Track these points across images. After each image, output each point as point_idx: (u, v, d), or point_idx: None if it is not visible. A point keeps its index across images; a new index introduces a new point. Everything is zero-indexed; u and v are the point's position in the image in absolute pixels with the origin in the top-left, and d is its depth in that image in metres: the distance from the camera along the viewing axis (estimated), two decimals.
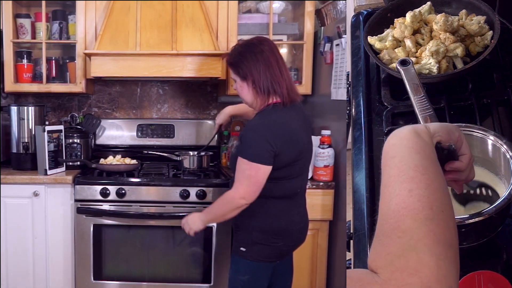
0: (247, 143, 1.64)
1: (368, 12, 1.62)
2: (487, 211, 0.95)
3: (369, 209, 1.20)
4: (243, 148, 1.65)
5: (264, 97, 1.68)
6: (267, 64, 1.66)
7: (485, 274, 0.98)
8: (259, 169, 1.61)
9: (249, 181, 1.63)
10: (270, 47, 1.71)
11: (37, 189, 2.29)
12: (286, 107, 1.69)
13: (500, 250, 1.05)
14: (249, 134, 1.65)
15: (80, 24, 2.51)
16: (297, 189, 1.75)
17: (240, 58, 1.69)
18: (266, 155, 1.61)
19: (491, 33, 1.33)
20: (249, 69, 1.67)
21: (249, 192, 1.64)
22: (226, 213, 1.70)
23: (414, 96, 1.16)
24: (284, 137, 1.64)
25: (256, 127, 1.65)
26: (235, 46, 1.78)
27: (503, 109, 1.27)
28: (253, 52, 1.68)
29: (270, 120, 1.64)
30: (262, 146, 1.60)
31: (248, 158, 1.61)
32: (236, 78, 1.72)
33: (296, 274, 2.15)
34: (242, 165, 1.63)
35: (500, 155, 1.04)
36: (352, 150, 1.36)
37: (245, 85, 1.70)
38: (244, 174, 1.63)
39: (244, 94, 1.73)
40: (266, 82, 1.66)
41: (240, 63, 1.69)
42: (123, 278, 2.31)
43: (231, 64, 1.73)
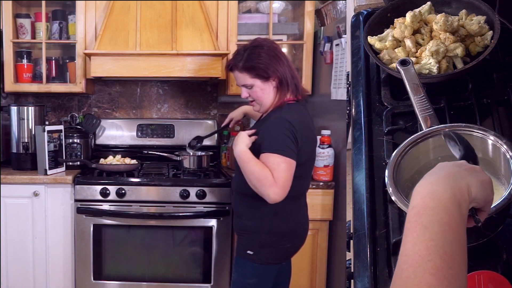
0: (274, 139, 1.60)
1: (368, 12, 1.61)
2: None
3: (369, 209, 1.20)
4: (270, 144, 1.60)
5: (284, 95, 1.67)
6: (283, 62, 1.67)
7: (485, 274, 0.98)
8: (292, 164, 1.59)
9: (286, 174, 1.57)
10: (275, 45, 1.72)
11: (37, 189, 2.29)
12: (299, 104, 1.71)
13: (500, 250, 1.05)
14: (275, 130, 1.61)
15: (80, 24, 2.51)
16: (305, 190, 1.76)
17: (258, 60, 1.64)
18: (293, 150, 1.60)
19: (491, 33, 1.33)
20: (272, 68, 1.64)
21: (284, 186, 1.57)
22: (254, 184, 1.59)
23: (414, 96, 1.16)
24: (303, 135, 1.64)
25: (282, 124, 1.62)
26: (240, 51, 1.71)
27: (503, 109, 1.26)
28: (269, 49, 1.66)
29: (293, 118, 1.63)
30: (288, 141, 1.59)
31: (279, 152, 1.58)
32: (255, 82, 1.66)
33: (296, 274, 2.15)
34: (274, 158, 1.57)
35: (500, 155, 1.04)
36: (352, 150, 1.36)
37: (267, 85, 1.66)
38: (280, 167, 1.56)
39: (266, 96, 1.68)
40: (290, 77, 1.66)
41: (259, 64, 1.64)
42: (123, 278, 2.31)
43: (249, 68, 1.65)
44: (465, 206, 0.72)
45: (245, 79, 1.67)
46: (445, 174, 0.75)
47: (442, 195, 0.70)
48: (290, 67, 1.69)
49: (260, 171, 1.57)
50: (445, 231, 0.66)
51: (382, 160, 1.26)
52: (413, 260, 0.64)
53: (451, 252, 0.65)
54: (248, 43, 1.73)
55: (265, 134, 1.63)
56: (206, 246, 2.28)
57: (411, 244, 0.66)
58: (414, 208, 0.70)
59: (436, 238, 0.65)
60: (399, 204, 1.01)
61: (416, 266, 0.64)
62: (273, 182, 1.55)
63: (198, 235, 2.29)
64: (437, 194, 0.70)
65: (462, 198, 0.71)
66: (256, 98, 1.70)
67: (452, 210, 0.69)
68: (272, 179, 1.55)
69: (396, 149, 1.11)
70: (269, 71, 1.64)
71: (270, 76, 1.65)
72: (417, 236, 0.66)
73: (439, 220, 0.67)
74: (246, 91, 1.70)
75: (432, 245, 0.65)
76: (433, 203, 0.69)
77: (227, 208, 2.24)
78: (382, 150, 1.28)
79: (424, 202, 0.70)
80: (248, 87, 1.69)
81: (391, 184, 1.04)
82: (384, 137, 1.30)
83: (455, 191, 0.71)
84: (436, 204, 0.69)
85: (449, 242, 0.66)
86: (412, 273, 0.63)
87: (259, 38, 1.78)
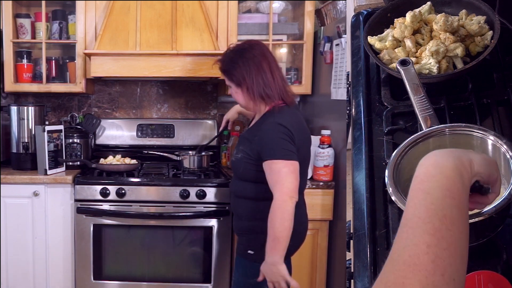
0: (273, 144, 1.63)
1: (368, 12, 1.61)
2: (487, 211, 0.95)
3: (369, 209, 1.20)
4: (270, 151, 1.63)
5: (257, 102, 1.71)
6: (259, 70, 1.69)
7: (485, 274, 0.98)
8: (294, 165, 1.62)
9: (290, 178, 1.61)
10: (262, 51, 1.72)
11: (37, 189, 2.29)
12: (290, 107, 1.73)
13: (500, 250, 1.05)
14: (271, 135, 1.64)
15: (80, 24, 2.51)
16: (303, 189, 1.77)
17: (232, 65, 1.71)
18: (294, 151, 1.63)
19: (491, 33, 1.33)
20: (242, 76, 1.69)
21: (294, 189, 1.61)
22: (290, 225, 1.60)
23: (414, 96, 1.16)
24: (299, 137, 1.66)
25: (277, 129, 1.64)
26: (227, 52, 1.78)
27: (503, 109, 1.26)
28: (245, 58, 1.69)
29: (286, 120, 1.66)
30: (286, 144, 1.62)
31: (280, 157, 1.61)
32: (230, 84, 1.75)
33: (296, 274, 2.15)
34: (275, 165, 1.61)
35: (500, 155, 1.04)
36: (352, 150, 1.36)
37: (240, 91, 1.72)
38: (282, 173, 1.60)
39: (240, 99, 1.76)
40: (258, 88, 1.69)
41: (233, 70, 1.70)
42: (123, 278, 2.31)
43: (224, 71, 1.75)
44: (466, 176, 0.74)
45: (225, 80, 1.77)
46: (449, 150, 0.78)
47: (444, 164, 0.72)
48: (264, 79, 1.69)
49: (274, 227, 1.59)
50: (446, 197, 0.68)
51: (382, 160, 1.26)
52: (413, 222, 0.66)
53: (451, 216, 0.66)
54: (238, 45, 1.79)
55: (263, 141, 1.66)
56: (206, 246, 2.28)
57: (412, 209, 0.68)
58: (417, 177, 0.73)
59: (437, 202, 0.67)
60: (399, 204, 1.01)
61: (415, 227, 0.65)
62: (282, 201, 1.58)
63: (198, 235, 2.29)
64: (440, 163, 0.73)
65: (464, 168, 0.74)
66: (233, 98, 1.79)
67: (453, 178, 0.71)
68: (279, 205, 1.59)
69: (396, 149, 1.11)
70: (237, 79, 1.70)
71: (239, 83, 1.71)
72: (418, 201, 0.69)
73: (440, 186, 0.69)
74: (229, 89, 1.80)
75: (432, 209, 0.67)
76: (435, 171, 0.72)
77: (227, 208, 2.24)
78: (382, 150, 1.28)
79: (427, 171, 0.72)
80: (229, 87, 1.78)
81: (391, 184, 1.04)
82: (384, 137, 1.30)
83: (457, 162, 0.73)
84: (438, 171, 0.71)
85: (449, 207, 0.67)
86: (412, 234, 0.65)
87: (250, 41, 1.81)
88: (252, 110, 1.79)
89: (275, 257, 1.59)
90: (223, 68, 1.75)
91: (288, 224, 1.60)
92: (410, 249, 0.63)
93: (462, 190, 0.71)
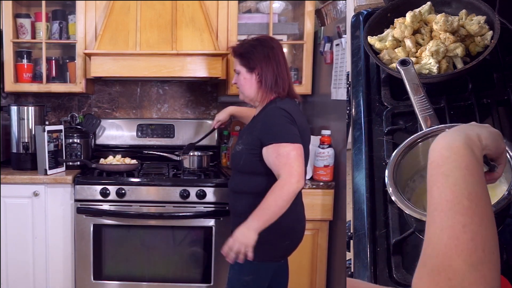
0: (278, 128, 1.63)
1: (368, 12, 1.62)
2: None
3: (369, 209, 1.20)
4: (275, 134, 1.62)
5: (266, 91, 1.72)
6: (276, 61, 1.72)
7: None
8: (301, 149, 1.62)
9: (299, 161, 1.59)
10: (280, 46, 1.77)
11: (37, 189, 2.29)
12: (292, 100, 1.75)
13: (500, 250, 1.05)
14: (275, 120, 1.64)
15: (80, 24, 2.51)
16: None
17: (251, 49, 1.73)
18: (298, 136, 1.63)
19: (491, 33, 1.33)
20: (259, 61, 1.71)
21: (301, 173, 1.59)
22: (283, 206, 1.58)
23: (414, 96, 1.17)
24: (301, 125, 1.67)
25: (279, 113, 1.65)
26: (245, 40, 1.82)
27: (503, 109, 1.26)
28: (265, 46, 1.73)
29: (288, 107, 1.67)
30: (292, 128, 1.63)
31: (288, 140, 1.60)
32: (241, 69, 1.75)
33: (296, 274, 2.15)
34: (283, 148, 1.59)
35: None
36: (352, 150, 1.36)
37: (251, 77, 1.73)
38: (291, 156, 1.58)
39: (247, 87, 1.75)
40: (272, 77, 1.71)
41: (251, 54, 1.72)
42: (123, 278, 2.31)
43: (241, 54, 1.75)
44: (478, 151, 0.76)
45: (236, 64, 1.78)
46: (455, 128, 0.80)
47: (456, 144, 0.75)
48: (279, 70, 1.72)
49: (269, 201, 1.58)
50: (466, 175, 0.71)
51: (382, 160, 1.26)
52: (442, 206, 0.69)
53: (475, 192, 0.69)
54: (257, 36, 1.83)
55: (266, 125, 1.66)
56: (206, 246, 2.28)
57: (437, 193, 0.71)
58: (433, 162, 0.76)
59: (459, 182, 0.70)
60: (399, 204, 1.01)
61: (446, 210, 0.68)
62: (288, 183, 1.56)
63: (198, 235, 2.29)
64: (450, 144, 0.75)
65: (473, 144, 0.76)
66: (239, 86, 1.79)
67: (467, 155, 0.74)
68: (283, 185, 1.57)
69: (396, 149, 1.11)
70: (254, 63, 1.72)
71: (254, 68, 1.72)
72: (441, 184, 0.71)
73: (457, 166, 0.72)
74: (235, 77, 1.80)
75: (457, 189, 0.69)
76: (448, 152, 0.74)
77: (227, 208, 2.23)
78: (382, 150, 1.28)
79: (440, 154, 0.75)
80: (237, 73, 1.78)
81: (391, 184, 1.04)
82: (384, 137, 1.30)
83: (466, 140, 0.76)
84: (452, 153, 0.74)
85: (471, 184, 0.70)
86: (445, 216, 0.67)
87: (267, 35, 1.90)
88: (254, 101, 1.78)
89: (254, 223, 1.58)
90: (239, 52, 1.75)
91: (282, 204, 1.57)
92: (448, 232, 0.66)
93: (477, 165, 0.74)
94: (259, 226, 1.57)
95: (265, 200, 1.58)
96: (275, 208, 1.57)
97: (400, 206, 1.01)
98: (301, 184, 1.59)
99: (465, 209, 0.67)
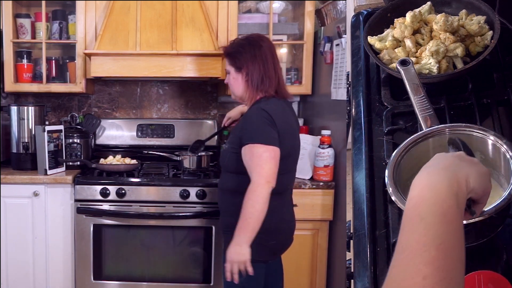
0: (255, 128, 1.63)
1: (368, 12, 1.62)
2: (487, 211, 0.95)
3: (369, 209, 1.20)
4: (251, 134, 1.63)
5: (253, 91, 1.72)
6: (262, 60, 1.72)
7: (485, 274, 0.98)
8: (276, 151, 1.61)
9: (270, 164, 1.60)
10: (269, 45, 1.77)
11: (37, 189, 2.29)
12: (279, 100, 1.74)
13: (500, 250, 1.05)
14: (254, 120, 1.65)
15: (80, 24, 2.51)
16: (287, 185, 1.75)
17: (239, 49, 1.74)
18: (276, 138, 1.62)
19: (491, 33, 1.33)
20: (245, 61, 1.72)
21: (272, 175, 1.60)
22: (262, 209, 1.59)
23: (414, 96, 1.16)
24: (283, 126, 1.66)
25: (259, 113, 1.65)
26: (236, 39, 1.83)
27: (503, 109, 1.26)
28: (253, 46, 1.73)
29: (270, 108, 1.66)
30: (270, 130, 1.62)
31: (262, 141, 1.60)
32: (230, 69, 1.76)
33: (296, 274, 2.15)
34: (256, 149, 1.60)
35: (500, 155, 1.04)
36: (352, 150, 1.36)
37: (239, 76, 1.74)
38: (262, 158, 1.59)
39: (236, 86, 1.76)
40: (258, 76, 1.71)
41: (237, 54, 1.73)
42: (123, 278, 2.31)
43: (229, 54, 1.76)
44: (462, 197, 0.72)
45: (226, 64, 1.79)
46: (443, 165, 0.75)
47: (439, 186, 0.70)
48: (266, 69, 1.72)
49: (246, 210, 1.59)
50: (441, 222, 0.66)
51: (382, 160, 1.26)
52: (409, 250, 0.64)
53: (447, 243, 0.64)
54: (248, 35, 1.84)
55: (244, 125, 1.67)
56: (206, 246, 2.28)
57: (408, 235, 0.66)
58: (412, 200, 0.70)
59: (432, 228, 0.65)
60: (399, 204, 1.01)
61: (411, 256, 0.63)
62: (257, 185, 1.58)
63: (198, 235, 2.29)
64: (434, 185, 0.70)
65: (459, 189, 0.71)
66: (229, 85, 1.80)
67: (448, 201, 0.69)
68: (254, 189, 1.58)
69: (396, 149, 1.11)
70: (240, 62, 1.73)
71: (241, 68, 1.73)
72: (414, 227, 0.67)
73: (435, 211, 0.67)
74: (227, 77, 1.81)
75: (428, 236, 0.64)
76: (429, 194, 0.69)
77: None
78: (382, 150, 1.28)
79: (421, 194, 0.70)
80: (227, 73, 1.80)
81: (391, 184, 1.04)
82: (384, 137, 1.30)
83: (452, 182, 0.71)
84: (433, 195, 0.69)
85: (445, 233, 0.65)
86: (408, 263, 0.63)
87: (258, 34, 1.85)
88: (245, 99, 1.79)
89: (242, 238, 1.59)
90: (228, 51, 1.77)
91: (260, 208, 1.58)
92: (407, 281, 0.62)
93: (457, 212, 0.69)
94: (248, 238, 1.59)
95: (243, 209, 1.60)
96: (254, 213, 1.59)
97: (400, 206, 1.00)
98: (271, 185, 1.60)
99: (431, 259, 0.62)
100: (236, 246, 1.60)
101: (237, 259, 1.59)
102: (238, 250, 1.59)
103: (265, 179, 1.59)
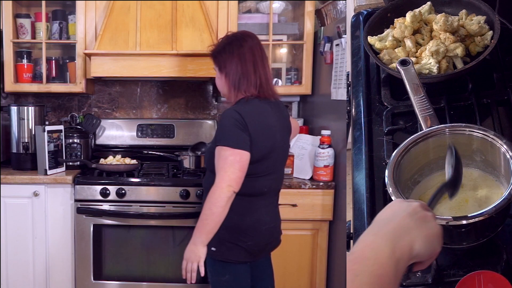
0: (225, 131, 1.62)
1: (368, 12, 1.62)
2: (487, 211, 0.95)
3: (369, 209, 1.20)
4: (221, 136, 1.62)
5: (234, 91, 1.71)
6: (241, 59, 1.69)
7: (485, 274, 0.98)
8: (242, 155, 1.59)
9: (233, 167, 1.58)
10: (252, 43, 1.72)
11: (37, 189, 2.29)
12: (261, 101, 1.70)
13: (500, 250, 1.05)
14: (225, 122, 1.63)
15: (80, 24, 2.51)
16: (264, 189, 1.71)
17: (221, 48, 1.73)
18: (246, 141, 1.60)
19: (491, 33, 1.33)
20: (224, 62, 1.71)
21: (235, 179, 1.58)
22: (220, 212, 1.59)
23: (414, 96, 1.17)
24: (257, 129, 1.62)
25: (231, 115, 1.62)
26: (222, 38, 1.79)
27: (503, 109, 1.26)
28: (233, 45, 1.71)
29: (244, 110, 1.63)
30: (239, 133, 1.60)
31: (229, 144, 1.58)
32: (215, 68, 1.76)
33: (296, 274, 2.15)
34: (223, 152, 1.59)
35: (500, 155, 1.04)
36: (352, 150, 1.36)
37: (222, 76, 1.73)
38: (227, 161, 1.58)
39: (221, 86, 1.76)
40: (235, 77, 1.69)
41: (219, 53, 1.73)
42: (123, 278, 2.31)
43: (212, 53, 1.77)
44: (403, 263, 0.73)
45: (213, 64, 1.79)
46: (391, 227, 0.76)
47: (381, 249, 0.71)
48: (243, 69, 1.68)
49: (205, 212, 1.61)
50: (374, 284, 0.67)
51: (382, 160, 1.26)
52: None
53: None
54: (233, 33, 1.80)
55: (218, 127, 1.67)
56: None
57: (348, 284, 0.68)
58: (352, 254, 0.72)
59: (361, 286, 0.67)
60: None
61: None
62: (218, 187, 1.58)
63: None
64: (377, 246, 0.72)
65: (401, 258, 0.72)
66: (217, 85, 1.80)
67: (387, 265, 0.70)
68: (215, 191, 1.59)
69: (396, 149, 1.11)
70: (220, 62, 1.73)
71: (222, 68, 1.73)
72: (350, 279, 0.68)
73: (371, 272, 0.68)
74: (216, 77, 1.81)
75: None
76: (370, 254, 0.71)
77: None
78: (382, 150, 1.28)
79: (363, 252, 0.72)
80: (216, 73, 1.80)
81: (391, 184, 1.04)
82: (384, 137, 1.30)
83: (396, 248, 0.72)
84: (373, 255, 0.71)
85: None
86: None
87: (244, 32, 1.80)
88: (230, 99, 1.76)
89: (197, 238, 1.63)
90: (212, 51, 1.77)
91: (217, 211, 1.58)
92: None
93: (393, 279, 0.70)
94: (204, 239, 1.62)
95: (202, 210, 1.62)
96: (212, 216, 1.60)
97: None
98: (233, 189, 1.58)
99: None
100: (192, 245, 1.65)
101: (192, 258, 1.65)
102: (193, 249, 1.64)
103: (226, 182, 1.58)
